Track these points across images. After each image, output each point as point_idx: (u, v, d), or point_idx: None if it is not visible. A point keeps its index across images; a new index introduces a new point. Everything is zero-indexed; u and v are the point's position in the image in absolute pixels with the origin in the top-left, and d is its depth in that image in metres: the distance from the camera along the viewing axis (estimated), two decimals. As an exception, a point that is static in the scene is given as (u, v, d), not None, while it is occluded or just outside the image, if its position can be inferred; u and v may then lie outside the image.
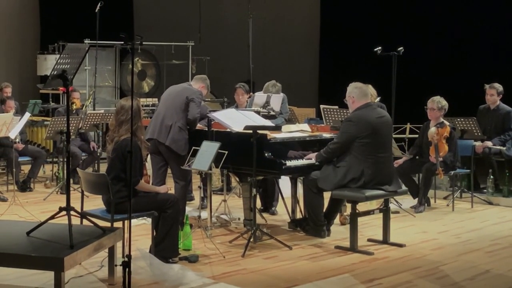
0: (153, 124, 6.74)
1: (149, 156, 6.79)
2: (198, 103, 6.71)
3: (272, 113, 7.33)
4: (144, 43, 6.74)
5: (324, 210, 6.63)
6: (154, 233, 5.57)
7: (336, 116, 8.10)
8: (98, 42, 11.06)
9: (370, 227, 6.94)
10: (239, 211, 7.12)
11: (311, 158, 6.52)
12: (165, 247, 5.56)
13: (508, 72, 10.55)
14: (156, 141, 6.63)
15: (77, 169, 6.55)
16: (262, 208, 7.64)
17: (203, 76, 7.21)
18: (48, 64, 12.11)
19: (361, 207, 6.56)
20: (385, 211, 6.42)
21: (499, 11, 11.45)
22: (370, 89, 8.27)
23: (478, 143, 8.43)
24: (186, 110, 6.66)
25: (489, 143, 8.48)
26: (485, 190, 8.63)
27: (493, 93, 8.69)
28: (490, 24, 11.49)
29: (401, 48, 8.28)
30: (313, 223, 6.59)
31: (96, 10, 10.61)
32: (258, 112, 7.09)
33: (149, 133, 6.62)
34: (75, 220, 4.95)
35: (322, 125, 7.80)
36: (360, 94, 6.37)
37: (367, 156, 6.14)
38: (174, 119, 6.63)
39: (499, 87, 8.70)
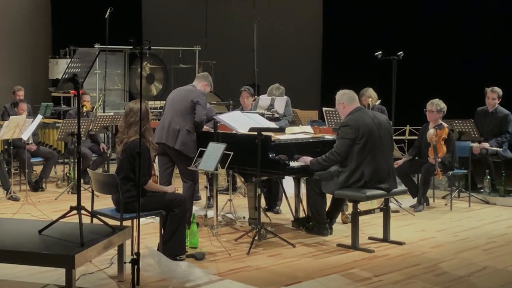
0: (160, 129, 6.72)
1: (157, 157, 6.84)
2: (203, 105, 6.72)
3: (276, 115, 7.43)
4: (152, 47, 6.80)
5: (327, 209, 6.70)
6: (162, 232, 5.62)
7: (338, 118, 8.12)
8: (108, 46, 11.10)
9: (371, 225, 7.01)
10: (244, 210, 7.17)
11: (305, 161, 6.46)
12: (173, 245, 5.59)
13: (505, 75, 10.63)
14: (165, 146, 6.64)
15: (88, 169, 6.58)
16: (266, 207, 7.70)
17: (205, 73, 7.19)
18: (60, 68, 12.15)
19: (362, 206, 6.65)
20: (386, 210, 6.48)
21: (498, 14, 11.49)
22: (371, 92, 8.44)
23: (475, 145, 8.49)
24: (193, 112, 6.67)
25: (486, 145, 8.53)
26: (482, 190, 8.70)
27: (495, 97, 8.74)
28: (489, 28, 11.52)
29: (401, 52, 8.36)
30: (315, 222, 6.67)
31: (106, 16, 10.69)
32: (262, 115, 7.15)
33: (157, 137, 6.58)
34: (86, 219, 5.02)
35: (325, 127, 7.84)
36: (349, 99, 6.42)
37: (366, 157, 6.20)
38: (182, 124, 6.64)
39: (499, 91, 8.76)
